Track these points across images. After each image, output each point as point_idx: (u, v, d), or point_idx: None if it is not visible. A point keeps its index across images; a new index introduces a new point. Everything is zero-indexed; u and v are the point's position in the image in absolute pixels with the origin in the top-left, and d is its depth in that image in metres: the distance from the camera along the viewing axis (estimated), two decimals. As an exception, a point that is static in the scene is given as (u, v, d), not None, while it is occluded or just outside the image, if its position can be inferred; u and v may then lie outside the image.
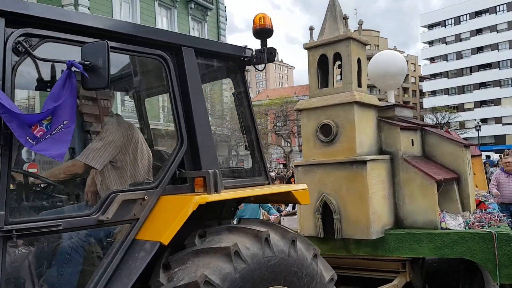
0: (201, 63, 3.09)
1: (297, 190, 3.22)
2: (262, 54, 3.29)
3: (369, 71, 13.30)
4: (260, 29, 3.23)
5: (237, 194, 2.86)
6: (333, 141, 4.92)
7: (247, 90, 3.41)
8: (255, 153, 3.37)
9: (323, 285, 2.93)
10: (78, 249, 2.49)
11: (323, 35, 5.14)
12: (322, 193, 4.95)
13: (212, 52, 3.18)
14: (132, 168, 2.96)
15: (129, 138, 3.02)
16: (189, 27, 31.68)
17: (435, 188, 4.76)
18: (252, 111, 3.45)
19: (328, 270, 3.05)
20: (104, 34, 2.48)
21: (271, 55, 3.32)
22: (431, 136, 5.54)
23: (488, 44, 63.17)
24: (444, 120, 50.72)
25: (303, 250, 2.86)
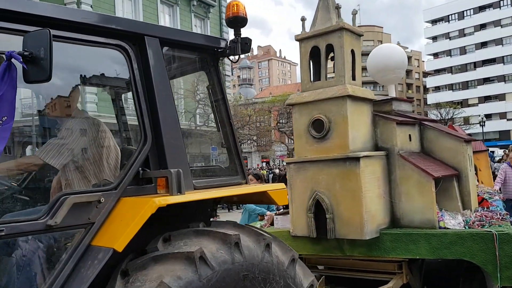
0: (169, 54, 2.85)
1: (273, 190, 2.98)
2: (236, 45, 3.04)
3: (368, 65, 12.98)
4: (233, 18, 2.99)
5: (203, 195, 2.61)
6: (325, 137, 4.67)
7: (222, 84, 3.16)
8: (232, 150, 3.13)
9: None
10: (30, 255, 2.26)
11: (315, 26, 4.88)
12: (315, 191, 4.70)
13: (181, 42, 2.94)
14: (97, 168, 2.73)
15: (94, 136, 2.80)
16: (192, 24, 31.48)
17: (432, 185, 4.50)
18: (228, 105, 3.20)
19: (307, 275, 2.81)
20: (50, 22, 2.25)
21: (246, 46, 3.07)
22: (429, 131, 5.27)
23: (492, 39, 62.43)
24: (448, 115, 50.19)
25: (279, 254, 2.63)
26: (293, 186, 4.92)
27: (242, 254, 2.38)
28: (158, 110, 2.61)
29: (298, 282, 2.67)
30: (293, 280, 2.63)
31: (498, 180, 8.76)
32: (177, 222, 2.59)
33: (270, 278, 2.47)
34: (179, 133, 2.72)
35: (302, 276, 2.75)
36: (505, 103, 61.14)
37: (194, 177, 2.81)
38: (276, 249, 2.63)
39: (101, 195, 2.35)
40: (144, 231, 2.27)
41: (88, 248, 2.25)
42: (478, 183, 8.36)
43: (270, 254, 2.53)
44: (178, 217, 2.61)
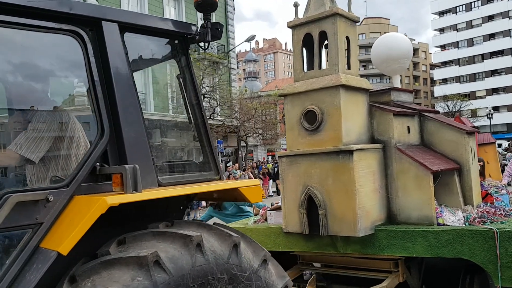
0: (132, 41, 2.60)
1: (245, 187, 2.72)
2: (205, 30, 2.79)
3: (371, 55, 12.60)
4: (201, 1, 2.73)
5: (162, 193, 2.36)
6: (318, 129, 4.41)
7: (193, 73, 2.91)
8: (204, 145, 2.88)
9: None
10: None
11: (308, 12, 4.60)
12: (307, 186, 4.45)
13: (145, 28, 2.68)
14: (65, 163, 2.51)
15: (64, 129, 2.57)
16: (197, 17, 31.16)
17: (430, 179, 4.23)
18: (199, 96, 2.95)
19: (281, 276, 2.57)
20: None
21: (217, 31, 2.82)
22: (430, 122, 4.98)
23: (500, 30, 61.25)
24: (456, 108, 49.47)
25: (249, 255, 2.39)
26: (285, 180, 4.67)
27: (205, 256, 2.15)
28: (116, 101, 2.38)
29: (270, 283, 2.43)
30: (265, 281, 2.39)
31: (507, 173, 8.42)
32: (143, 221, 2.37)
33: (238, 280, 2.24)
34: (141, 126, 2.48)
35: (276, 277, 2.52)
36: (513, 95, 60.17)
37: (161, 173, 2.57)
38: (245, 249, 2.39)
39: (49, 193, 2.12)
40: (102, 232, 2.05)
41: (36, 251, 2.03)
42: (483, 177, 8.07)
43: (238, 255, 2.29)
44: (144, 216, 2.38)
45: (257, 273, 2.35)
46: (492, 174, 9.00)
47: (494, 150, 10.09)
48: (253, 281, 2.30)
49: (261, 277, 2.36)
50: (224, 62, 32.23)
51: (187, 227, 2.32)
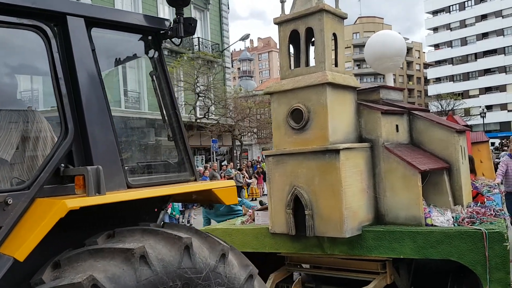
0: (101, 37, 2.48)
1: (219, 188, 2.60)
2: (178, 25, 2.67)
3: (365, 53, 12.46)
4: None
5: (126, 196, 2.23)
6: (304, 127, 4.29)
7: (166, 70, 2.78)
8: (179, 144, 2.76)
9: None
10: None
11: (295, 8, 4.48)
12: (294, 186, 4.34)
13: (115, 23, 2.56)
14: (30, 164, 2.38)
15: (29, 128, 2.44)
16: (191, 15, 31.02)
17: (418, 179, 4.13)
18: (173, 94, 2.83)
19: (244, 266, 2.46)
20: None
21: (190, 27, 2.70)
22: (419, 121, 4.88)
23: (493, 30, 61.48)
24: (449, 107, 49.57)
25: (204, 253, 2.26)
26: (272, 180, 4.56)
27: (152, 267, 2.02)
28: (81, 99, 2.25)
29: (232, 276, 2.31)
30: (226, 276, 2.27)
31: (500, 172, 8.34)
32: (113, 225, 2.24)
33: (194, 284, 2.12)
34: (108, 125, 2.35)
35: (239, 267, 2.42)
36: (506, 94, 60.38)
37: (132, 174, 2.45)
38: (200, 248, 2.26)
39: (8, 196, 1.99)
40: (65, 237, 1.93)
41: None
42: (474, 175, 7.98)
43: (192, 257, 2.16)
44: (115, 219, 2.26)
45: (215, 270, 2.22)
46: (486, 173, 8.92)
47: (488, 148, 10.01)
48: (211, 280, 2.18)
49: (220, 274, 2.23)
50: (219, 61, 32.06)
51: (130, 237, 2.17)
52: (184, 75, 26.75)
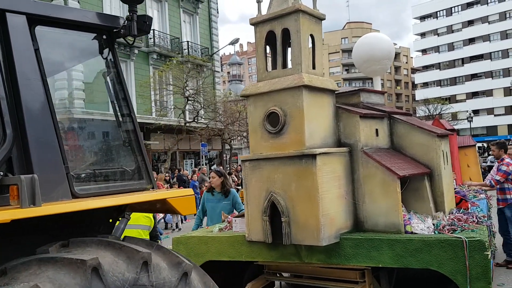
0: (47, 35, 2.28)
1: (175, 198, 2.41)
2: (131, 24, 2.48)
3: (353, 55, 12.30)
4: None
5: (63, 208, 2.01)
6: (281, 131, 4.12)
7: (120, 71, 2.59)
8: (134, 150, 2.56)
9: None
10: None
11: (271, 8, 4.32)
12: (270, 192, 4.17)
13: (61, 21, 2.36)
14: None
15: None
16: (180, 19, 30.80)
17: (397, 185, 3.98)
18: (128, 96, 2.64)
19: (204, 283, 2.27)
20: None
21: (144, 25, 2.52)
22: (399, 125, 4.75)
23: (480, 35, 62.14)
24: (437, 111, 49.88)
25: (164, 271, 2.05)
26: (248, 186, 4.38)
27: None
28: (21, 102, 2.06)
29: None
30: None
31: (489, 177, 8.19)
32: (59, 237, 2.04)
33: None
34: (52, 129, 2.15)
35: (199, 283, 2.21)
36: (492, 99, 60.97)
37: (79, 182, 2.25)
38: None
39: None
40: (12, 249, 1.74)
41: None
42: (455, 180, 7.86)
43: (150, 273, 1.96)
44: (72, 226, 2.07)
45: (136, 283, 2.01)
46: (473, 177, 8.81)
47: (475, 153, 9.89)
48: None
49: (145, 285, 2.02)
50: (208, 65, 31.85)
51: (84, 248, 1.97)
52: (173, 79, 26.49)
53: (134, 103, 26.73)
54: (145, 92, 26.15)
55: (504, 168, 7.22)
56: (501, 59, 60.66)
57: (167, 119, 25.43)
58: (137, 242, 2.21)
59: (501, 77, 60.55)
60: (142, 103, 26.68)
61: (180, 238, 4.88)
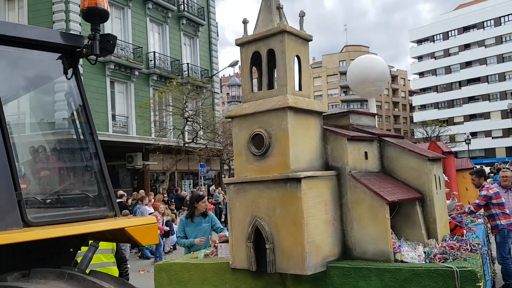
0: (4, 54, 2.14)
1: (134, 227, 2.22)
2: (93, 43, 2.35)
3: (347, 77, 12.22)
4: (86, 9, 2.30)
5: (11, 239, 1.84)
6: (265, 154, 3.96)
7: (82, 91, 2.44)
8: (97, 175, 2.39)
9: None
10: None
11: (257, 29, 4.21)
12: (255, 216, 3.97)
13: (22, 40, 2.22)
14: None
15: None
16: (181, 42, 31.05)
17: (386, 211, 3.78)
18: (91, 119, 2.48)
19: None
20: None
21: (108, 44, 2.38)
22: (390, 148, 4.58)
23: (477, 58, 62.64)
24: (434, 133, 49.82)
25: None
26: (233, 210, 4.19)
27: None
28: None
29: None
30: None
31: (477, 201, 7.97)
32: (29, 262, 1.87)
33: None
34: (3, 153, 1.98)
35: None
36: (490, 122, 61.02)
37: (34, 209, 2.07)
38: None
39: None
40: None
41: None
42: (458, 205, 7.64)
43: None
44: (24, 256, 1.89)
45: None
46: (471, 201, 8.59)
47: (474, 176, 9.68)
48: None
49: None
50: (208, 86, 31.96)
51: (42, 279, 1.80)
52: (173, 100, 26.50)
53: (134, 124, 26.69)
54: (144, 113, 26.14)
55: (484, 193, 7.03)
56: (498, 82, 61.01)
57: (166, 140, 25.31)
58: (102, 277, 2.02)
59: (498, 100, 60.78)
60: (141, 123, 26.64)
61: (162, 264, 4.65)
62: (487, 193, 6.99)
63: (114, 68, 24.49)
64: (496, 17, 60.67)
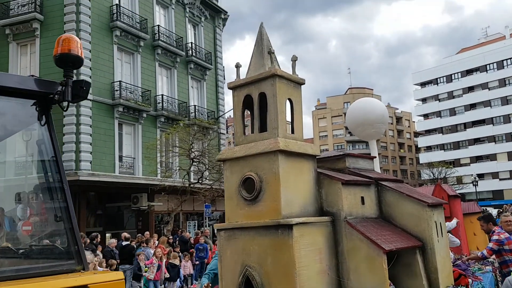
0: None
1: (98, 284, 2.03)
2: (66, 89, 2.26)
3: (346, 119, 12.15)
4: (59, 56, 2.23)
5: None
6: (256, 198, 3.79)
7: (54, 139, 2.34)
8: (66, 225, 2.23)
9: None
10: None
11: (249, 73, 4.17)
12: (245, 265, 3.75)
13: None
14: None
15: None
16: (189, 85, 31.55)
17: (384, 260, 3.54)
18: (61, 167, 2.35)
19: None
20: None
21: (81, 90, 2.29)
22: (388, 193, 4.39)
23: (481, 101, 62.78)
24: (441, 175, 49.16)
25: None
26: (223, 258, 3.97)
27: None
28: None
29: None
30: None
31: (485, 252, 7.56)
32: None
33: None
34: None
35: None
36: (496, 163, 60.25)
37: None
38: None
39: None
40: None
41: None
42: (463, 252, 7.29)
43: None
44: None
45: None
46: (481, 246, 8.21)
47: (481, 220, 9.33)
48: None
49: None
50: (214, 127, 32.15)
51: None
52: (180, 141, 26.57)
53: (140, 164, 26.68)
54: (151, 154, 26.16)
55: (495, 237, 6.68)
56: (503, 124, 60.77)
57: (172, 180, 25.15)
58: None
59: (504, 142, 60.31)
60: (148, 164, 26.60)
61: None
62: (498, 237, 6.65)
63: (123, 110, 24.79)
64: (498, 61, 61.34)
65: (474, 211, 10.35)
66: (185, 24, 31.34)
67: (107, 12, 24.38)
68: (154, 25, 27.83)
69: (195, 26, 32.90)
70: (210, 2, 33.48)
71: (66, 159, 21.61)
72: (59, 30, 21.92)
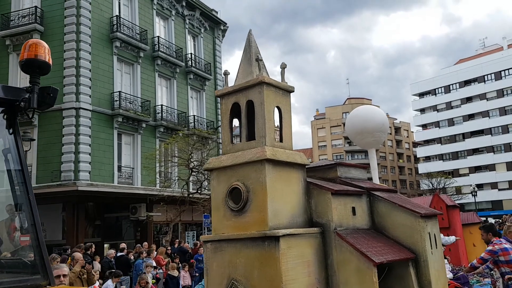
0: None
1: None
2: (32, 96, 2.15)
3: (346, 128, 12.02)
4: (26, 61, 2.13)
5: None
6: (243, 209, 3.65)
7: (20, 148, 2.22)
8: (32, 238, 2.10)
9: None
10: None
11: (237, 81, 4.06)
12: (232, 279, 3.59)
13: None
14: None
15: None
16: (188, 95, 31.53)
17: (374, 273, 3.39)
18: (27, 177, 2.22)
19: None
20: None
21: (48, 97, 2.18)
22: (380, 203, 4.25)
23: (479, 111, 62.73)
24: (440, 185, 48.89)
25: None
26: (209, 272, 3.82)
27: None
28: None
29: None
30: None
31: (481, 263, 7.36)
32: None
33: None
34: None
35: None
36: (495, 173, 60.00)
37: None
38: None
39: None
40: None
41: None
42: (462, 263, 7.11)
43: None
44: None
45: None
46: (479, 257, 8.04)
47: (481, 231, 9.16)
48: None
49: None
50: (213, 137, 32.05)
51: None
52: (179, 151, 26.43)
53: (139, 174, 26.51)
54: (150, 164, 26.01)
55: (489, 248, 6.49)
56: (502, 134, 60.63)
57: (171, 190, 24.96)
58: None
59: (503, 152, 60.11)
60: (146, 174, 26.43)
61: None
62: (492, 248, 6.46)
63: (122, 120, 24.71)
64: (496, 71, 61.44)
65: (473, 221, 10.17)
66: (184, 35, 31.43)
67: (107, 23, 24.42)
68: (154, 36, 27.88)
69: (194, 37, 33.00)
70: (209, 13, 33.63)
71: (65, 169, 21.47)
72: (59, 41, 21.95)
